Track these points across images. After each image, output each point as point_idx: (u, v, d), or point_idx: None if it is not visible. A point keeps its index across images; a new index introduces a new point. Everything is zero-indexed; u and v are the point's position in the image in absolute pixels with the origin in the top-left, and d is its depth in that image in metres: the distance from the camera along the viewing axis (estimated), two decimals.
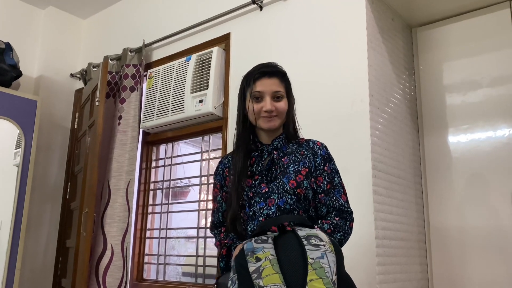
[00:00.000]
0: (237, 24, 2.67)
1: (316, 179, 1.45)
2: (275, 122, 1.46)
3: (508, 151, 2.18)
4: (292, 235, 1.21)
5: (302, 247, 1.15)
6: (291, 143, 1.52)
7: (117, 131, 2.93)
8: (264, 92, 1.45)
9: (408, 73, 2.51)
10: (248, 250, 1.19)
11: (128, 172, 2.88)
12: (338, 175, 1.50)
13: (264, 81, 1.46)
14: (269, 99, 1.45)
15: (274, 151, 1.49)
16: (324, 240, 1.17)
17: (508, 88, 2.23)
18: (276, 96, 1.46)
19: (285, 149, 1.50)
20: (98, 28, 3.66)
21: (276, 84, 1.47)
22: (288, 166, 1.45)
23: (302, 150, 1.49)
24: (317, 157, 1.48)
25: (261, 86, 1.46)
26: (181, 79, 2.75)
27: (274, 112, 1.45)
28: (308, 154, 1.48)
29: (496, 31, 2.31)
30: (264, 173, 1.46)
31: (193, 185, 2.95)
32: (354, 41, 2.17)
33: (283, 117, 1.49)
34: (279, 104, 1.46)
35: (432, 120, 2.45)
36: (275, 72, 1.49)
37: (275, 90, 1.46)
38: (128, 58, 3.02)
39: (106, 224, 2.80)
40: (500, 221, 2.15)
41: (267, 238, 1.21)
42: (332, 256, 1.14)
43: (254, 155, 1.51)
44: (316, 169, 1.46)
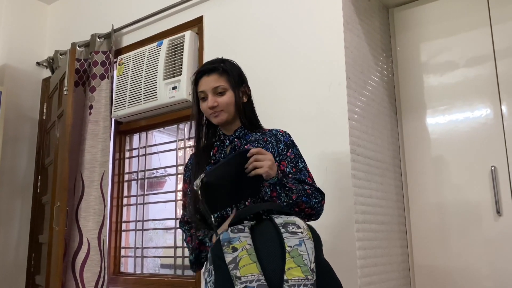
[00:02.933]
0: (209, 6, 2.58)
1: (280, 163, 1.47)
2: (222, 117, 1.49)
3: (486, 131, 2.18)
4: (269, 223, 1.18)
5: (279, 235, 1.13)
6: (254, 132, 1.54)
7: (88, 121, 2.82)
8: (206, 91, 1.49)
9: (386, 54, 2.47)
10: (225, 240, 1.15)
11: (102, 163, 2.79)
12: (302, 160, 1.52)
13: (204, 80, 1.50)
14: (211, 95, 1.48)
15: (235, 139, 1.51)
16: (301, 227, 1.15)
17: (484, 67, 2.22)
18: (218, 91, 1.48)
19: (248, 137, 1.52)
20: (65, 13, 3.50)
21: (215, 80, 1.49)
22: None
23: (265, 137, 1.52)
24: (280, 143, 1.50)
25: (202, 86, 1.50)
26: (153, 65, 2.65)
27: (218, 107, 1.47)
28: (271, 141, 1.50)
29: (472, 10, 2.28)
30: None
31: (169, 175, 2.87)
32: (330, 23, 2.12)
33: (230, 110, 1.50)
34: (221, 99, 1.48)
35: (410, 101, 2.43)
36: (213, 69, 1.50)
37: (214, 86, 1.48)
38: (96, 44, 2.90)
39: (81, 218, 2.72)
40: (480, 201, 2.15)
41: (244, 227, 1.18)
42: (310, 243, 1.12)
43: (216, 144, 1.54)
44: (279, 155, 1.48)
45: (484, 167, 2.16)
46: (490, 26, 2.22)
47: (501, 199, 2.10)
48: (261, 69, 2.31)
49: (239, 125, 1.54)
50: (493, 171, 2.12)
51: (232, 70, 1.52)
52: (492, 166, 2.13)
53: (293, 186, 1.38)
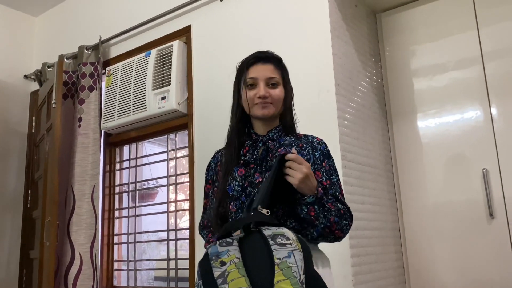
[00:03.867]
0: (197, 16, 2.57)
1: (314, 173, 1.33)
2: (269, 109, 1.37)
3: (476, 134, 2.17)
4: (258, 235, 1.16)
5: (268, 247, 1.10)
6: (288, 136, 1.43)
7: (78, 133, 2.80)
8: (258, 78, 1.38)
9: (374, 59, 2.47)
10: (213, 254, 1.13)
11: (93, 176, 2.76)
12: (336, 174, 1.41)
13: (258, 67, 1.39)
14: (263, 85, 1.37)
15: (269, 141, 1.40)
16: (291, 238, 1.12)
17: (473, 70, 2.22)
18: (271, 82, 1.38)
19: (282, 141, 1.41)
20: (52, 26, 3.48)
21: (271, 70, 1.39)
22: None
23: (300, 143, 1.40)
24: (316, 151, 1.39)
25: (254, 72, 1.38)
26: (141, 76, 2.63)
27: (268, 98, 1.36)
28: (307, 147, 1.39)
29: (459, 14, 2.29)
30: (259, 162, 1.37)
31: (161, 186, 2.84)
32: (317, 30, 2.12)
33: (278, 106, 1.39)
34: (274, 91, 1.38)
35: (400, 106, 2.42)
36: (270, 58, 1.41)
37: (270, 76, 1.38)
38: (84, 56, 2.88)
39: (73, 232, 2.68)
40: (473, 204, 2.14)
41: (232, 240, 1.15)
42: (300, 254, 1.09)
43: (247, 144, 1.41)
44: (314, 163, 1.37)
45: (475, 170, 2.15)
46: (477, 29, 2.23)
47: (494, 202, 2.09)
48: None
49: (276, 124, 1.42)
50: (485, 174, 2.12)
51: (286, 68, 1.44)
52: (484, 169, 2.12)
53: (332, 206, 1.27)
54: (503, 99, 2.13)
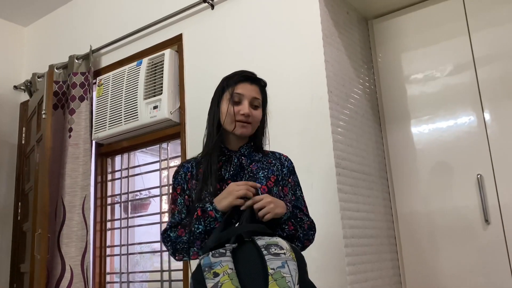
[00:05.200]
0: (188, 24, 2.55)
1: (283, 188, 1.45)
2: (248, 129, 1.44)
3: (470, 139, 2.17)
4: (251, 245, 1.14)
5: (261, 257, 1.08)
6: (256, 152, 1.51)
7: (68, 144, 2.76)
8: (244, 96, 1.43)
9: (367, 66, 2.46)
10: (206, 265, 1.11)
11: (83, 187, 2.72)
12: (299, 188, 1.52)
13: (246, 86, 1.44)
14: (247, 104, 1.42)
15: (242, 157, 1.46)
16: (284, 248, 1.10)
17: (465, 76, 2.22)
18: (254, 104, 1.44)
19: (252, 156, 1.48)
20: (42, 36, 3.46)
21: (256, 92, 1.46)
22: (258, 172, 1.43)
23: (269, 159, 1.49)
24: (284, 167, 1.49)
25: (242, 89, 1.43)
26: (132, 85, 2.61)
27: (250, 118, 1.42)
28: (276, 163, 1.48)
29: (450, 20, 2.29)
30: (234, 178, 1.42)
31: (154, 196, 2.81)
32: (309, 37, 2.11)
33: (255, 127, 1.47)
34: (255, 112, 1.44)
35: (393, 112, 2.41)
36: (257, 80, 1.48)
37: (255, 97, 1.44)
38: (75, 65, 2.86)
39: (63, 244, 2.64)
40: (468, 210, 2.13)
41: (225, 251, 1.13)
42: (294, 264, 1.07)
43: (221, 159, 1.45)
44: (282, 179, 1.46)
45: (470, 175, 2.14)
46: (468, 35, 2.23)
47: (489, 207, 2.07)
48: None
49: (246, 141, 1.49)
50: (480, 180, 2.11)
51: (267, 94, 1.52)
52: (478, 174, 2.11)
53: (302, 215, 1.39)
54: (496, 104, 2.13)
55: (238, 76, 1.47)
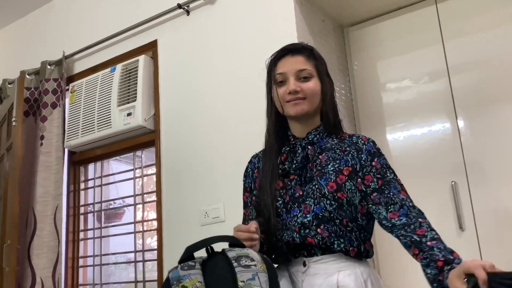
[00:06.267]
0: (164, 30, 2.52)
1: (364, 178, 1.21)
2: (303, 106, 1.24)
3: (444, 146, 2.18)
4: (221, 257, 1.11)
5: (232, 269, 1.05)
6: (330, 138, 1.28)
7: (40, 152, 2.69)
8: (287, 73, 1.25)
9: (343, 74, 2.47)
10: (174, 278, 1.07)
11: (55, 196, 2.64)
12: (390, 170, 1.25)
13: (287, 60, 1.27)
14: (293, 79, 1.24)
15: (309, 146, 1.26)
16: (255, 259, 1.07)
17: (439, 84, 2.24)
18: (303, 76, 1.24)
19: (323, 144, 1.27)
20: (13, 40, 3.37)
21: (301, 62, 1.25)
22: (327, 164, 1.23)
23: (343, 146, 1.25)
24: (362, 153, 1.23)
25: (283, 67, 1.27)
26: (106, 92, 2.55)
27: (300, 93, 1.23)
28: (351, 151, 1.24)
29: (424, 28, 2.31)
30: (298, 172, 1.25)
31: (128, 205, 2.75)
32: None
33: (314, 101, 1.25)
34: (306, 84, 1.24)
35: (369, 119, 2.42)
36: (300, 49, 1.29)
37: (300, 69, 1.24)
38: (47, 71, 2.78)
39: (34, 255, 2.56)
40: (443, 217, 2.14)
41: (194, 263, 1.10)
42: (264, 275, 1.04)
43: (285, 150, 1.29)
44: (362, 167, 1.22)
45: (444, 183, 2.15)
46: (442, 43, 2.25)
47: (463, 214, 2.09)
48: (217, 93, 2.25)
49: (317, 124, 1.29)
50: (454, 187, 2.12)
51: (321, 58, 1.30)
52: (453, 182, 2.13)
53: (420, 234, 1.16)
54: (469, 112, 2.15)
55: (277, 53, 1.30)
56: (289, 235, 1.21)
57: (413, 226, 1.18)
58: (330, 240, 1.18)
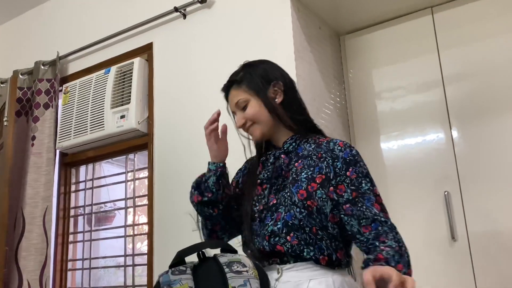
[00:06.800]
0: (160, 33, 2.51)
1: (337, 187, 1.19)
2: (256, 131, 1.30)
3: (438, 156, 2.19)
4: (213, 262, 1.10)
5: (223, 275, 1.03)
6: (308, 143, 1.28)
7: (31, 153, 2.65)
8: (232, 109, 1.36)
9: (338, 81, 2.47)
10: (164, 283, 1.06)
11: (45, 198, 2.60)
12: (366, 180, 1.21)
13: (228, 99, 1.36)
14: (238, 113, 1.32)
15: (282, 155, 1.29)
16: (247, 265, 1.06)
17: (434, 93, 2.25)
18: (241, 106, 1.31)
19: (300, 151, 1.27)
20: (6, 40, 3.34)
21: (235, 95, 1.32)
22: (301, 172, 1.22)
23: (320, 152, 1.24)
24: (338, 160, 1.21)
25: (230, 106, 1.37)
26: (100, 94, 2.53)
27: (247, 122, 1.30)
28: (326, 158, 1.22)
29: (420, 37, 2.32)
30: (273, 181, 1.27)
31: (119, 209, 2.72)
32: (281, 50, 2.09)
33: (264, 120, 1.28)
34: (245, 114, 1.30)
35: (363, 127, 2.42)
36: (229, 84, 1.35)
37: (236, 102, 1.31)
38: (41, 72, 2.76)
39: (21, 257, 2.51)
40: (435, 226, 2.13)
41: (185, 268, 1.09)
42: (256, 282, 1.03)
43: (262, 160, 1.34)
44: (336, 176, 1.20)
45: (438, 192, 2.15)
46: (437, 52, 2.26)
47: (455, 224, 2.09)
48: (212, 97, 2.23)
49: (290, 134, 1.30)
50: (447, 197, 2.12)
51: (252, 75, 1.31)
52: (446, 192, 2.13)
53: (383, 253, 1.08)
54: (464, 122, 2.16)
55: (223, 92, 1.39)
56: (260, 242, 1.22)
57: (378, 236, 1.15)
58: (300, 248, 1.17)
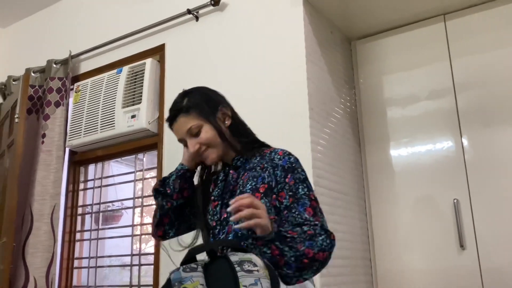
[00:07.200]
0: (172, 34, 2.53)
1: (278, 195, 1.23)
2: (211, 155, 1.33)
3: (448, 164, 2.18)
4: (224, 261, 1.09)
5: (234, 273, 1.03)
6: (254, 157, 1.33)
7: (41, 150, 2.67)
8: (182, 138, 1.35)
9: (348, 86, 2.47)
10: (175, 280, 1.05)
11: (53, 195, 2.62)
12: (303, 185, 1.24)
13: (175, 128, 1.35)
14: (189, 140, 1.33)
15: (231, 171, 1.34)
16: (258, 264, 1.06)
17: (445, 101, 2.24)
18: (193, 134, 1.32)
19: (247, 165, 1.32)
20: (20, 38, 3.37)
21: (184, 122, 1.33)
22: (247, 184, 1.27)
23: (263, 163, 1.29)
24: (277, 169, 1.26)
25: (177, 134, 1.36)
26: (111, 93, 2.55)
27: (202, 147, 1.32)
28: (268, 167, 1.27)
29: (432, 44, 2.32)
30: (224, 196, 1.32)
31: (126, 208, 2.73)
32: (292, 54, 2.10)
33: (218, 143, 1.32)
34: (200, 139, 1.32)
35: (373, 133, 2.42)
36: (177, 112, 1.34)
37: (187, 129, 1.32)
38: (53, 70, 2.78)
39: (28, 254, 2.52)
40: (444, 234, 2.12)
41: (197, 266, 1.08)
42: (267, 282, 1.03)
43: (213, 179, 1.39)
44: (277, 184, 1.24)
45: (447, 200, 2.14)
46: (449, 60, 2.26)
47: (464, 233, 2.08)
48: None
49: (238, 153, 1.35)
50: (456, 204, 2.11)
51: (197, 101, 1.34)
52: (455, 199, 2.12)
53: (293, 233, 1.11)
54: (474, 131, 2.15)
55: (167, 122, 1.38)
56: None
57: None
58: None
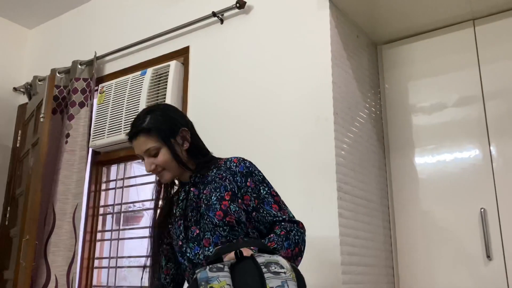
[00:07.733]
0: (196, 37, 2.54)
1: (243, 199, 1.35)
2: (165, 176, 1.38)
3: (475, 172, 2.13)
4: (250, 262, 1.09)
5: (261, 274, 1.02)
6: (210, 170, 1.40)
7: (64, 150, 2.71)
8: (139, 154, 1.40)
9: (374, 91, 2.44)
10: (202, 279, 1.05)
11: (76, 195, 2.65)
12: (263, 185, 1.37)
13: (134, 144, 1.39)
14: (146, 159, 1.37)
15: (192, 188, 1.39)
16: (285, 267, 1.05)
17: (473, 108, 2.19)
18: (152, 153, 1.36)
19: (206, 179, 1.39)
20: (46, 39, 3.43)
21: (143, 142, 1.36)
22: (211, 196, 1.34)
23: (220, 173, 1.37)
24: (236, 175, 1.36)
25: (135, 150, 1.40)
26: (135, 94, 2.57)
27: (157, 167, 1.37)
28: (227, 176, 1.36)
29: (460, 50, 2.28)
30: (189, 214, 1.36)
31: (147, 209, 2.74)
32: (318, 57, 2.09)
33: (173, 166, 1.37)
34: (157, 160, 1.36)
35: (398, 140, 2.38)
36: (137, 132, 1.38)
37: (145, 150, 1.36)
38: (78, 71, 2.82)
39: (50, 252, 2.56)
40: (470, 244, 2.07)
41: (223, 266, 1.08)
42: (294, 284, 1.03)
43: (175, 198, 1.43)
44: (239, 189, 1.35)
45: (473, 209, 2.09)
46: (478, 67, 2.21)
47: (491, 243, 2.02)
48: (246, 102, 2.25)
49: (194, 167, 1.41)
50: (483, 214, 2.06)
51: (158, 124, 1.37)
52: (482, 208, 2.06)
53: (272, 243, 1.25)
54: (503, 139, 2.09)
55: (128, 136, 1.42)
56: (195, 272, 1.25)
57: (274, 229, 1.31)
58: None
